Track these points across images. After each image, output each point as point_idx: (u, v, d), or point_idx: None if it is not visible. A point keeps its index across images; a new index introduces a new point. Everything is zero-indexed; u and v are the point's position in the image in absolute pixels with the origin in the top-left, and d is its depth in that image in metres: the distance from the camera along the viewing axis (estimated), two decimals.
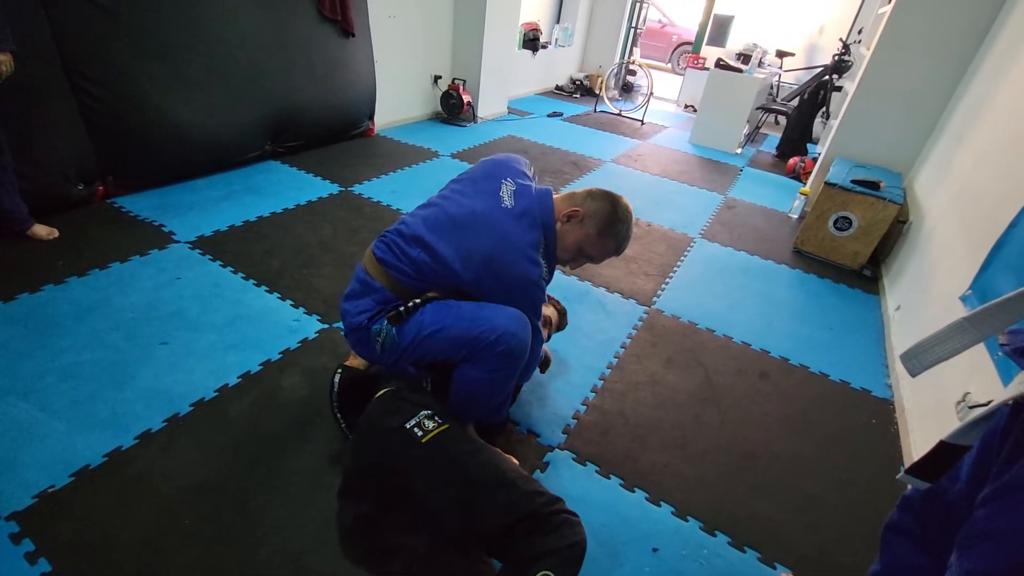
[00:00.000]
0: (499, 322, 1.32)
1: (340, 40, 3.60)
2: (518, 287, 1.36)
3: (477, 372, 1.36)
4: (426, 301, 1.38)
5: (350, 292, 1.44)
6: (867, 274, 3.03)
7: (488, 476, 1.17)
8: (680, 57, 9.86)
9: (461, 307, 1.37)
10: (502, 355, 1.33)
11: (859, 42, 5.22)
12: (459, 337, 1.33)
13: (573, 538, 1.08)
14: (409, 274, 1.37)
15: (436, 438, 1.21)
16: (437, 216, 1.40)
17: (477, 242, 1.33)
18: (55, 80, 2.37)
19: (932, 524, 0.96)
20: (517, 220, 1.36)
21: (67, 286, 2.08)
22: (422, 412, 1.26)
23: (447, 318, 1.35)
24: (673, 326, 2.37)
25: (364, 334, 1.39)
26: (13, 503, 1.31)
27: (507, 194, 1.39)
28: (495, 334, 1.31)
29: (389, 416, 1.26)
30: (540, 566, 1.03)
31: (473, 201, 1.39)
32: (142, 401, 1.63)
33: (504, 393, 1.47)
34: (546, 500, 1.14)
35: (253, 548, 1.28)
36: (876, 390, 2.12)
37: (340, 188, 3.26)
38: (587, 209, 1.41)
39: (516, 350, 1.34)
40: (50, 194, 2.47)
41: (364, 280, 1.41)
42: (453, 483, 1.16)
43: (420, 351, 1.37)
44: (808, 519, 1.55)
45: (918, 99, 3.26)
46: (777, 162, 5.17)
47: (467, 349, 1.34)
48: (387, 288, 1.38)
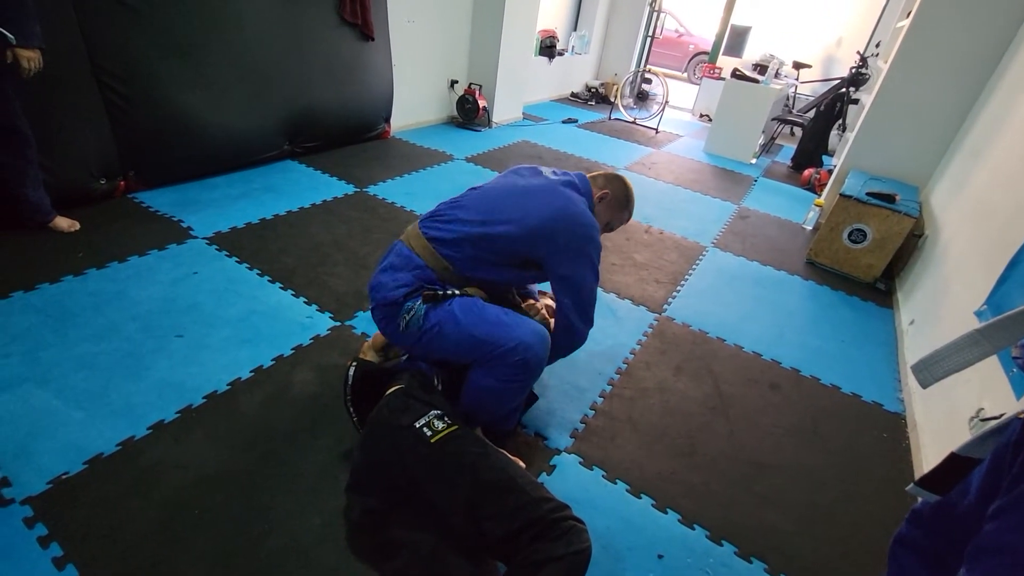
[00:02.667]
0: (519, 332, 1.35)
1: (360, 44, 3.65)
2: (583, 240, 1.42)
3: (490, 381, 1.38)
4: (462, 294, 1.41)
5: (388, 265, 1.46)
6: (881, 287, 3.00)
7: (496, 480, 1.18)
8: (696, 66, 9.86)
9: (487, 309, 1.40)
10: (516, 365, 1.35)
11: (877, 55, 5.19)
12: (479, 337, 1.35)
13: (579, 545, 1.09)
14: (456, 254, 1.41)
15: (445, 439, 1.22)
16: (486, 195, 1.49)
17: (536, 203, 1.42)
18: (82, 77, 2.43)
19: (941, 538, 0.95)
20: (565, 186, 1.50)
21: (86, 278, 2.13)
22: (432, 412, 1.27)
23: (471, 316, 1.37)
24: (683, 334, 2.36)
25: (394, 309, 1.40)
26: (28, 488, 1.33)
27: (548, 172, 1.57)
28: (513, 343, 1.34)
29: (399, 414, 1.27)
30: (545, 572, 1.04)
31: (519, 179, 1.53)
32: (156, 392, 1.66)
33: (515, 404, 1.48)
34: (553, 506, 1.14)
35: (261, 540, 1.29)
36: (888, 404, 2.09)
37: (355, 189, 3.30)
38: (613, 191, 1.61)
39: (531, 363, 1.36)
40: (73, 188, 2.53)
41: (407, 255, 1.44)
42: (461, 485, 1.17)
43: (437, 342, 1.38)
44: (816, 532, 1.53)
45: (935, 113, 3.24)
46: (792, 173, 5.14)
47: (481, 352, 1.35)
48: (430, 266, 1.41)
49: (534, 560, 1.06)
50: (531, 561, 1.06)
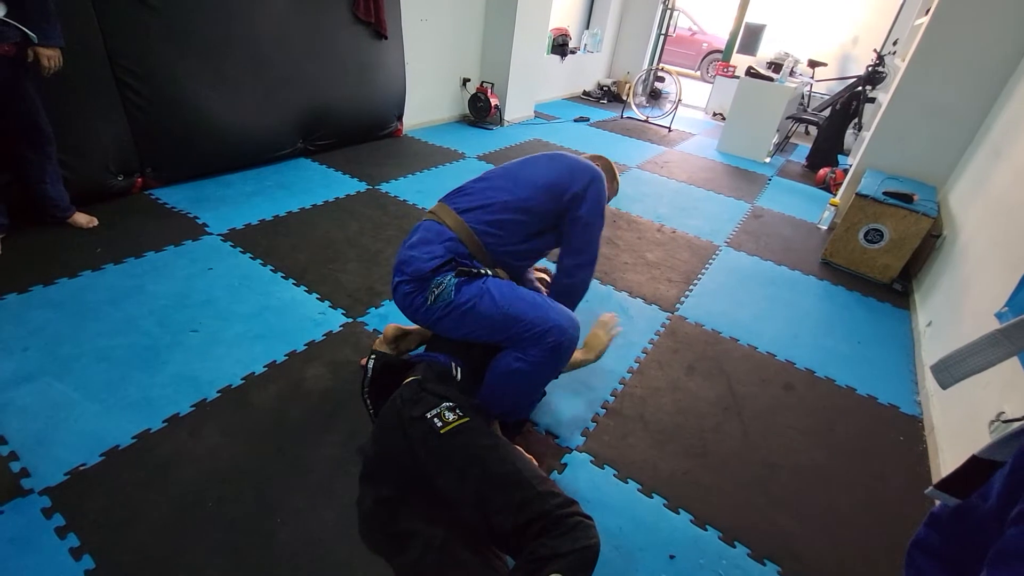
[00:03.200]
0: (554, 315, 1.38)
1: (373, 42, 3.66)
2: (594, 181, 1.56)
3: (520, 363, 1.38)
4: (494, 275, 1.45)
5: (418, 240, 1.47)
6: (898, 288, 2.96)
7: (504, 473, 1.17)
8: (709, 65, 9.77)
9: (522, 290, 1.43)
10: (549, 347, 1.36)
11: (894, 53, 5.11)
12: (513, 315, 1.36)
13: (586, 541, 1.07)
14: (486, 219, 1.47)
15: (455, 430, 1.21)
16: (510, 167, 1.62)
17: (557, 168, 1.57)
18: (101, 75, 2.47)
19: (960, 542, 0.93)
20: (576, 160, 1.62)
21: (104, 273, 2.16)
22: (444, 404, 1.27)
23: (508, 295, 1.39)
24: (696, 333, 2.34)
25: (423, 284, 1.40)
26: (47, 479, 1.35)
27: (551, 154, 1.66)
28: (549, 324, 1.36)
29: (412, 405, 1.27)
30: (551, 568, 1.02)
31: (536, 159, 1.64)
32: (172, 386, 1.68)
33: (539, 390, 1.50)
34: (560, 502, 1.13)
35: (273, 533, 1.30)
36: (904, 406, 2.06)
37: (367, 186, 3.31)
38: (601, 165, 1.75)
39: (564, 346, 1.38)
40: (91, 184, 2.56)
41: (437, 229, 1.47)
42: (469, 477, 1.16)
43: (468, 318, 1.38)
44: (830, 535, 1.51)
45: (954, 112, 3.18)
46: (807, 172, 5.08)
47: (514, 331, 1.36)
48: (460, 238, 1.44)
49: (540, 555, 1.05)
50: (537, 556, 1.05)
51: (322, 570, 1.24)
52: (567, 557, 1.04)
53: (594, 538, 1.09)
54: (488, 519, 1.13)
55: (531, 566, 1.04)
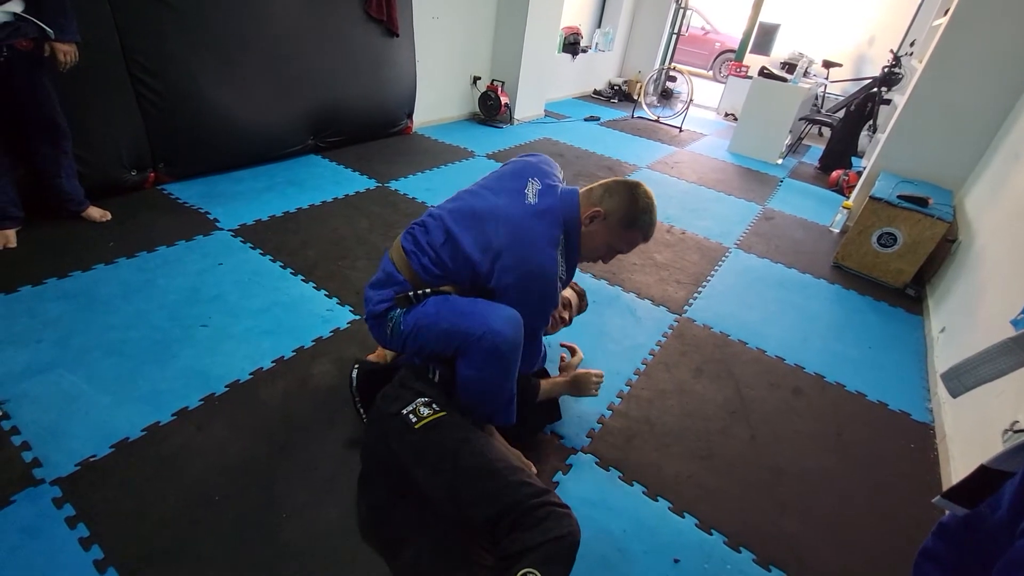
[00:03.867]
0: (487, 319, 1.31)
1: (384, 40, 3.67)
2: (530, 282, 1.35)
3: (469, 370, 1.34)
4: (434, 293, 1.39)
5: (375, 281, 1.48)
6: (911, 293, 2.92)
7: (475, 466, 1.13)
8: (722, 64, 9.70)
9: (457, 301, 1.37)
10: (488, 351, 1.30)
11: (911, 54, 5.04)
12: (449, 330, 1.33)
13: (558, 531, 1.00)
14: (430, 267, 1.39)
15: (429, 425, 1.19)
16: (462, 208, 1.43)
17: (495, 234, 1.34)
18: (116, 71, 2.49)
19: (968, 553, 0.92)
20: (538, 217, 1.36)
21: (117, 266, 2.18)
22: (419, 399, 1.25)
23: (442, 310, 1.36)
24: (704, 336, 2.33)
25: (381, 321, 1.43)
26: (58, 469, 1.37)
27: (532, 192, 1.41)
28: (481, 330, 1.29)
29: (391, 402, 1.27)
30: (523, 564, 0.97)
31: (498, 197, 1.42)
32: (181, 380, 1.69)
33: (504, 395, 1.41)
34: (532, 491, 1.07)
35: (278, 528, 1.31)
36: (916, 413, 2.04)
37: (377, 184, 3.32)
38: (608, 207, 1.40)
39: (502, 347, 1.30)
40: (105, 178, 2.59)
41: (389, 271, 1.44)
42: (443, 471, 1.13)
43: (418, 341, 1.38)
44: (838, 541, 1.50)
45: (972, 114, 3.13)
46: (819, 174, 5.02)
47: (456, 343, 1.33)
48: (409, 281, 1.41)
49: (511, 552, 1.00)
50: (509, 553, 1.00)
51: (326, 566, 1.25)
52: (539, 550, 0.98)
53: (568, 528, 1.03)
54: (463, 513, 1.10)
55: (503, 563, 0.99)
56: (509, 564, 0.98)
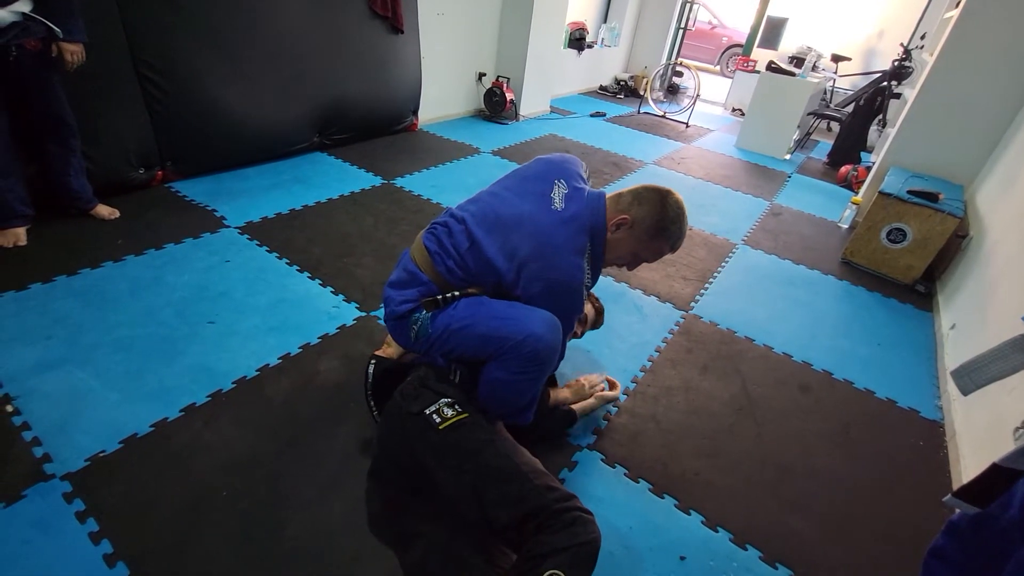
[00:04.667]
0: (528, 324, 1.30)
1: (389, 36, 3.66)
2: (558, 291, 1.34)
3: (501, 373, 1.33)
4: (463, 295, 1.38)
5: (396, 280, 1.45)
6: (920, 290, 2.89)
7: (500, 467, 1.15)
8: (729, 59, 9.62)
9: (493, 305, 1.35)
10: (527, 357, 1.30)
11: (922, 47, 4.98)
12: (486, 335, 1.32)
13: (585, 536, 1.05)
14: (455, 270, 1.37)
15: (453, 426, 1.21)
16: (486, 213, 1.40)
17: (521, 243, 1.32)
18: (123, 69, 2.50)
19: (979, 552, 0.91)
20: (565, 224, 1.34)
21: (125, 264, 2.20)
22: (442, 400, 1.26)
23: (477, 314, 1.34)
24: (710, 332, 2.31)
25: (403, 323, 1.41)
26: (68, 465, 1.39)
27: (558, 196, 1.38)
28: (522, 335, 1.28)
29: (411, 401, 1.27)
30: (549, 564, 1.00)
31: (523, 201, 1.39)
32: (188, 376, 1.71)
33: (529, 397, 1.42)
34: (558, 496, 1.11)
35: (284, 524, 1.32)
36: (925, 411, 2.02)
37: (383, 181, 3.33)
38: (636, 215, 1.37)
39: (543, 353, 1.30)
40: (113, 177, 2.61)
41: (412, 271, 1.42)
42: (466, 471, 1.15)
43: (448, 344, 1.37)
44: (845, 540, 1.49)
45: (984, 108, 3.08)
46: (828, 170, 4.98)
47: (493, 347, 1.32)
48: (433, 282, 1.39)
49: (538, 552, 1.03)
50: (535, 553, 1.03)
51: (331, 562, 1.25)
52: (565, 553, 1.02)
53: (593, 533, 1.07)
54: (486, 514, 1.12)
55: (529, 563, 1.03)
56: (535, 564, 1.01)
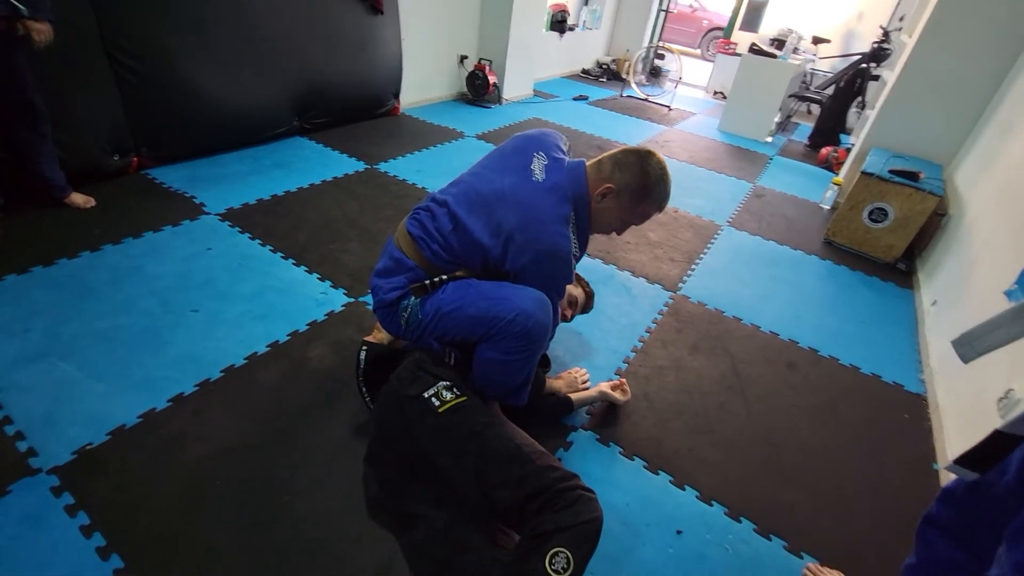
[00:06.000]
0: (517, 302, 1.29)
1: (369, 18, 3.58)
2: (545, 260, 1.32)
3: (494, 353, 1.34)
4: (451, 279, 1.37)
5: (382, 268, 1.43)
6: (902, 268, 2.95)
7: (502, 449, 1.16)
8: (710, 42, 9.63)
9: (481, 286, 1.35)
10: (518, 335, 1.30)
11: (900, 29, 5.03)
12: (476, 316, 1.32)
13: (588, 514, 1.06)
14: (440, 253, 1.36)
15: (453, 409, 1.21)
16: (467, 192, 1.39)
17: (505, 217, 1.30)
18: (93, 53, 2.40)
19: (974, 517, 0.94)
20: (547, 194, 1.33)
21: (103, 253, 2.13)
22: (441, 383, 1.26)
23: (466, 296, 1.33)
24: (699, 313, 2.34)
25: (392, 310, 1.40)
26: (54, 458, 1.35)
27: (538, 168, 1.36)
28: (512, 313, 1.28)
29: (409, 385, 1.26)
30: (555, 542, 1.02)
31: (503, 176, 1.37)
32: (175, 366, 1.67)
33: (523, 376, 1.43)
34: (560, 476, 1.12)
35: (282, 509, 1.31)
36: (909, 385, 2.07)
37: (366, 165, 3.27)
38: (619, 182, 1.35)
39: (533, 331, 1.30)
40: (87, 164, 2.52)
41: (398, 258, 1.40)
42: (468, 453, 1.16)
43: (440, 329, 1.37)
44: (836, 510, 1.53)
45: (962, 88, 3.13)
46: (809, 152, 5.04)
47: (484, 328, 1.32)
48: (420, 267, 1.38)
49: (543, 531, 1.04)
50: (540, 532, 1.04)
51: (331, 545, 1.25)
52: (570, 530, 1.03)
53: (597, 511, 1.08)
54: (488, 495, 1.13)
55: (534, 541, 1.04)
56: (541, 542, 1.02)
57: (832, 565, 1.35)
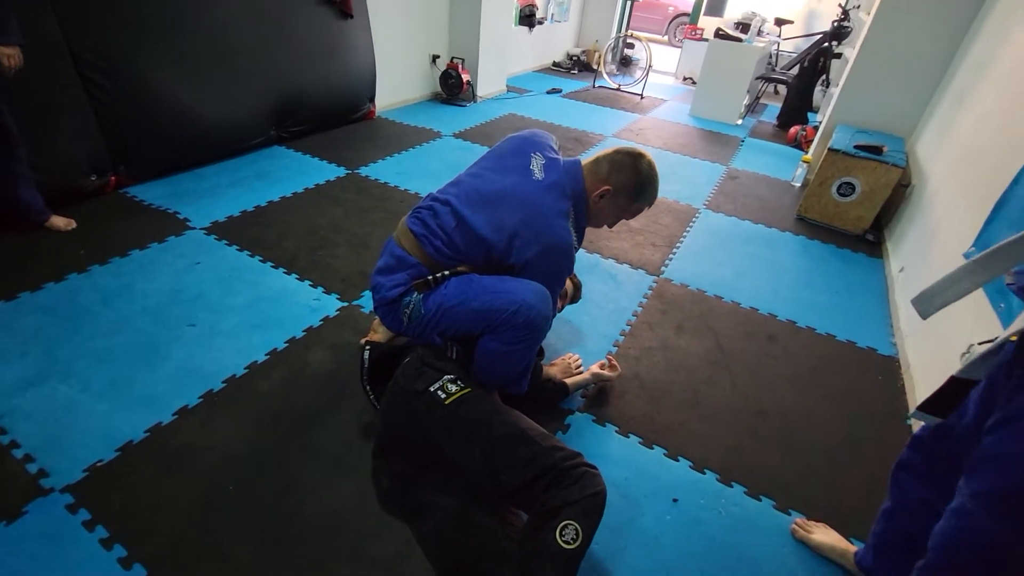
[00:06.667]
0: (519, 295, 1.37)
1: (338, 22, 3.59)
2: (551, 253, 1.41)
3: (497, 344, 1.41)
4: (453, 274, 1.43)
5: (384, 266, 1.48)
6: (870, 239, 3.07)
7: (509, 434, 1.23)
8: (677, 29, 9.75)
9: (483, 281, 1.42)
10: (521, 326, 1.37)
11: (859, 7, 5.18)
12: (480, 309, 1.38)
13: (593, 488, 1.14)
14: (443, 249, 1.42)
15: (459, 400, 1.27)
16: (469, 192, 1.46)
17: (509, 214, 1.38)
18: (64, 72, 2.39)
19: (939, 460, 1.03)
20: (547, 191, 1.42)
21: (91, 274, 2.13)
22: (445, 376, 1.32)
23: (469, 291, 1.40)
24: (682, 294, 2.42)
25: (395, 307, 1.45)
26: (66, 477, 1.38)
27: (537, 167, 1.46)
28: (515, 306, 1.36)
29: (414, 380, 1.32)
30: (563, 516, 1.09)
31: (504, 176, 1.45)
32: (176, 380, 1.70)
33: (524, 365, 1.51)
34: (565, 455, 1.19)
35: (296, 510, 1.35)
36: (881, 348, 2.18)
37: (347, 171, 3.29)
38: (616, 184, 1.47)
39: (535, 321, 1.39)
40: (64, 185, 2.51)
41: (399, 255, 1.45)
42: (476, 441, 1.22)
43: (443, 323, 1.42)
44: (819, 469, 1.62)
45: (919, 62, 3.26)
46: (778, 132, 5.17)
47: (487, 321, 1.39)
48: (422, 263, 1.43)
49: (552, 506, 1.11)
50: (548, 507, 1.11)
51: (347, 540, 1.30)
52: (578, 504, 1.10)
53: (600, 485, 1.16)
54: (497, 478, 1.19)
55: (544, 516, 1.11)
56: (551, 517, 1.09)
57: (818, 518, 1.44)
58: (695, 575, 1.30)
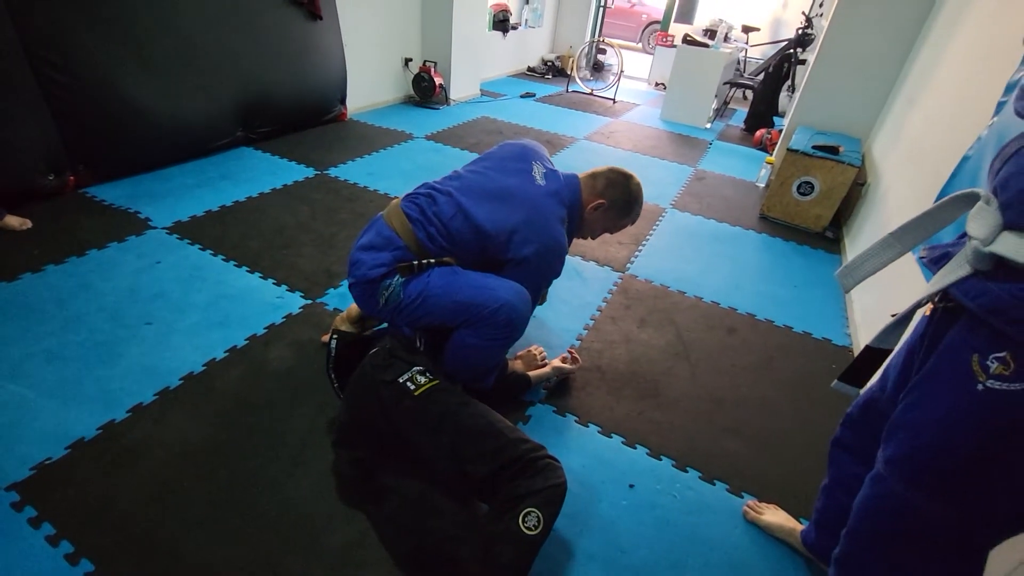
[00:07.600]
0: (502, 294, 1.42)
1: (308, 24, 3.58)
2: (546, 253, 1.47)
3: (474, 339, 1.44)
4: (439, 263, 1.45)
5: (368, 244, 1.47)
6: (829, 235, 3.17)
7: (477, 425, 1.26)
8: (650, 36, 9.93)
9: (468, 275, 1.45)
10: (501, 324, 1.42)
11: (821, 15, 5.35)
12: (462, 302, 1.41)
13: (555, 480, 1.19)
14: (436, 237, 1.43)
15: (428, 391, 1.30)
16: (471, 186, 1.49)
17: (512, 212, 1.44)
18: (16, 67, 2.33)
19: (868, 434, 1.07)
20: (547, 197, 1.50)
21: (45, 274, 2.09)
22: (414, 368, 1.34)
23: (453, 283, 1.42)
24: (646, 289, 2.47)
25: (372, 287, 1.44)
26: (11, 475, 1.34)
27: (539, 174, 1.54)
28: (498, 303, 1.40)
29: (383, 371, 1.34)
30: (526, 504, 1.13)
31: (507, 177, 1.51)
32: (131, 377, 1.67)
33: (495, 361, 1.55)
34: (530, 447, 1.23)
35: (251, 503, 1.34)
36: (836, 339, 2.25)
37: (316, 172, 3.28)
38: (610, 198, 1.58)
39: (515, 321, 1.43)
40: (20, 185, 2.44)
41: (388, 236, 1.45)
42: (444, 432, 1.25)
43: (419, 312, 1.43)
44: (772, 454, 1.67)
45: (874, 66, 3.39)
46: (745, 135, 5.30)
47: (468, 315, 1.41)
48: (410, 248, 1.43)
49: (516, 495, 1.15)
50: (513, 496, 1.15)
51: (304, 531, 1.29)
52: (541, 493, 1.15)
53: (562, 477, 1.21)
54: (463, 468, 1.22)
55: (507, 504, 1.15)
56: (514, 504, 1.14)
57: (770, 500, 1.48)
58: (647, 556, 1.33)
